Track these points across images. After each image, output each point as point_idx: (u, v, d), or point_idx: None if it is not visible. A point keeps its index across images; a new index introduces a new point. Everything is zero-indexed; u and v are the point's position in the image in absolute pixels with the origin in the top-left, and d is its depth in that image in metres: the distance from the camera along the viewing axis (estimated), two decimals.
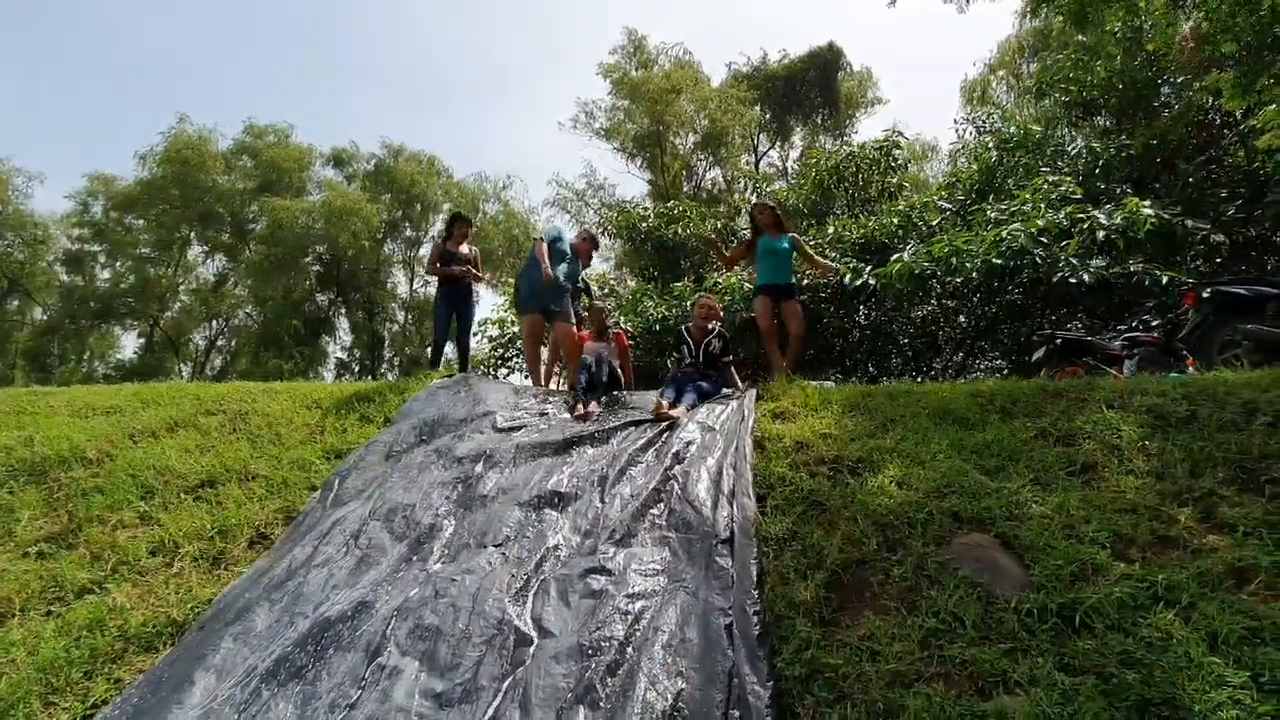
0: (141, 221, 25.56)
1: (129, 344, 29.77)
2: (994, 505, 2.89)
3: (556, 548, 2.99)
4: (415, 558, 2.94)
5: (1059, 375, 5.89)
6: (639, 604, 2.57)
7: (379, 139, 43.43)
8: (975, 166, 12.03)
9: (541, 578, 2.76)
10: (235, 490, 3.66)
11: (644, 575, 2.73)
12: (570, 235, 6.22)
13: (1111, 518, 2.80)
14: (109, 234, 25.65)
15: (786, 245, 5.93)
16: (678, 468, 3.39)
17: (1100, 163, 10.37)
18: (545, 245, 5.74)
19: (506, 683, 2.29)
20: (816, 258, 6.07)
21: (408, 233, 27.91)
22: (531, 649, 2.43)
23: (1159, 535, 2.71)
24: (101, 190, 25.49)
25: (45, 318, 27.51)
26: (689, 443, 3.64)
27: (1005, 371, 9.64)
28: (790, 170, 26.35)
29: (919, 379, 10.75)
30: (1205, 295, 4.90)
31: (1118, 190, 9.74)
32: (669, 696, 2.13)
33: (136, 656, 2.59)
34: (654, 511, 3.12)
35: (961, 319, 11.89)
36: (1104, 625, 2.25)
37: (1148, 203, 7.73)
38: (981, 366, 10.94)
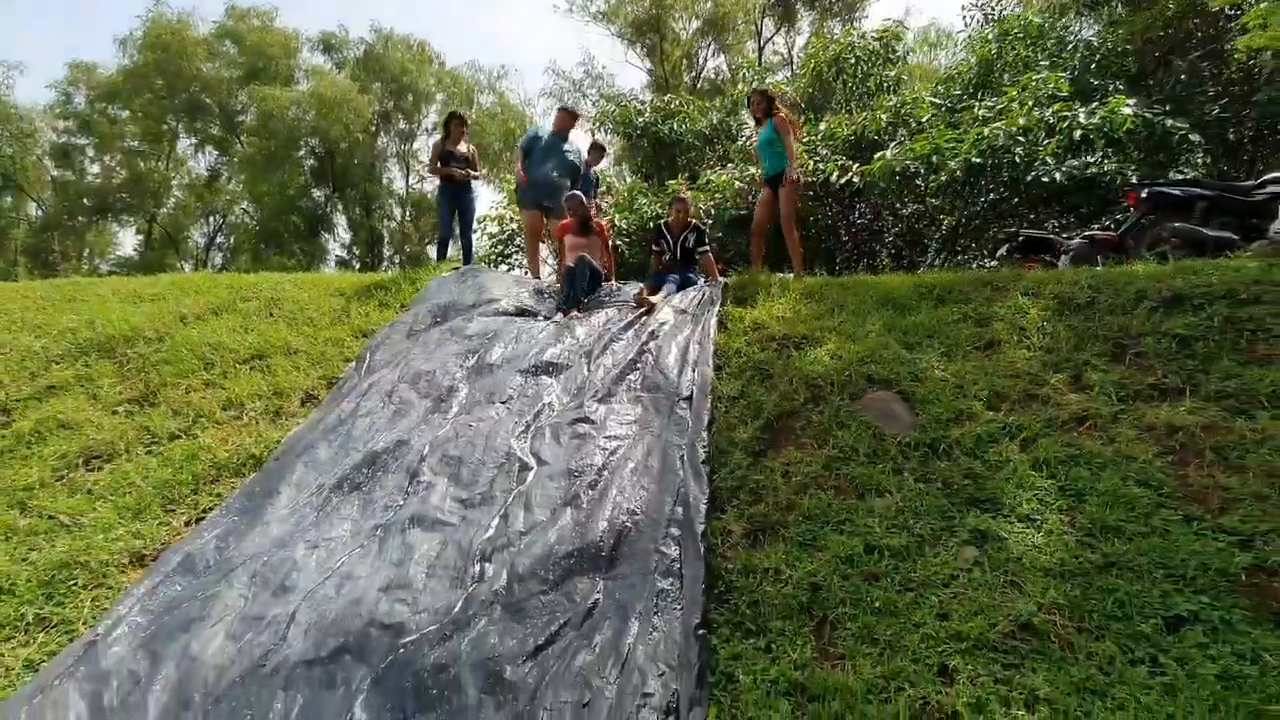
0: (127, 113, 25.02)
1: (127, 241, 29.94)
2: (903, 370, 3.58)
3: (550, 404, 3.70)
4: (438, 411, 3.66)
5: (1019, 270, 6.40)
6: (614, 443, 3.30)
7: (369, 22, 41.17)
8: (974, 59, 11.90)
9: (539, 424, 3.49)
10: (282, 361, 4.35)
11: (620, 423, 3.45)
12: (545, 131, 6.50)
13: (995, 380, 3.49)
14: (95, 126, 25.16)
15: (767, 134, 5.67)
16: (652, 343, 4.05)
17: (1096, 58, 10.33)
18: (521, 153, 6.28)
19: (513, 494, 3.05)
20: (790, 143, 5.53)
21: (400, 125, 27.34)
22: (531, 473, 3.18)
23: (1028, 393, 3.40)
24: (83, 79, 24.74)
25: (41, 214, 27.47)
26: (663, 323, 4.29)
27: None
28: (796, 59, 25.35)
29: None
30: (1143, 195, 5.37)
31: (1110, 87, 9.80)
32: (634, 500, 2.89)
33: (229, 479, 3.36)
34: (631, 377, 3.82)
35: (946, 218, 12.24)
36: (960, 452, 2.99)
37: (1131, 101, 7.91)
38: (967, 266, 11.41)
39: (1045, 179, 7.98)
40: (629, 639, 2.23)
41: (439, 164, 6.46)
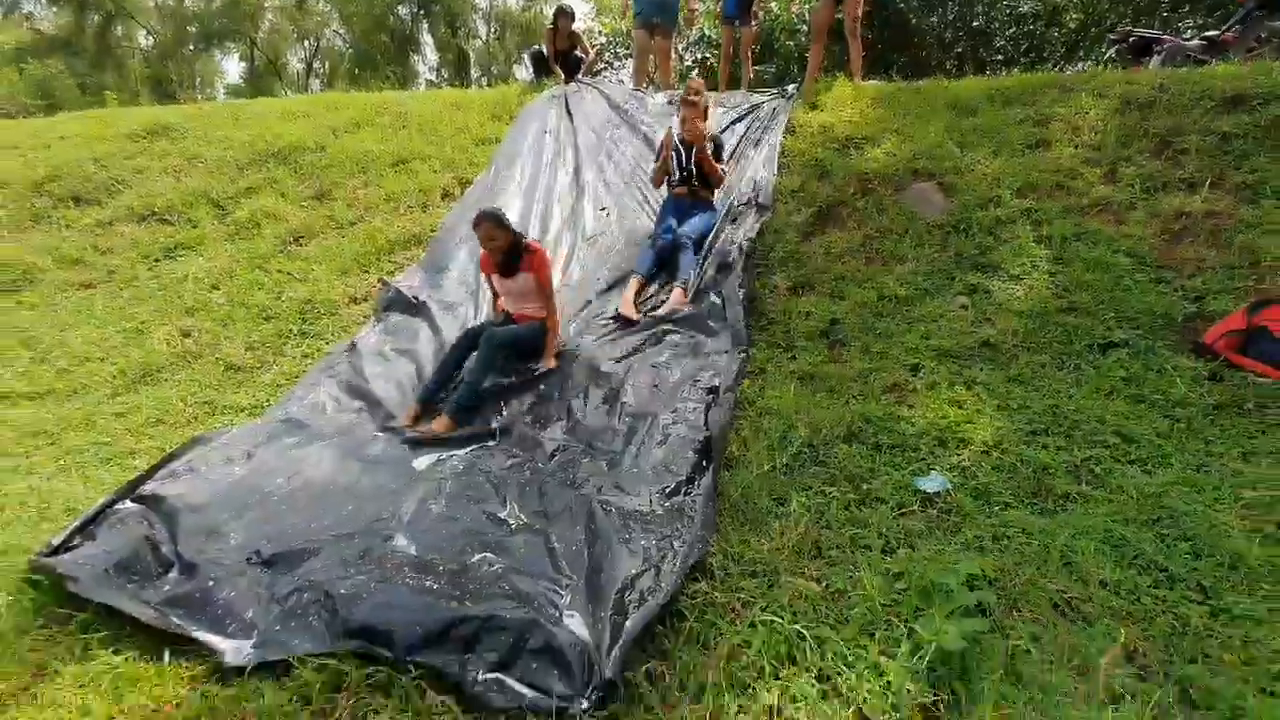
0: None
1: (231, 69, 31.14)
2: (948, 165, 4.05)
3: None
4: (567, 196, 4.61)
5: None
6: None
7: None
8: None
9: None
10: (421, 165, 5.29)
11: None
12: None
13: (1032, 174, 3.92)
14: None
15: None
16: (729, 162, 4.64)
17: None
18: None
19: (609, 272, 3.97)
20: None
21: None
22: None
23: (1060, 185, 3.84)
24: None
25: (151, 42, 28.74)
26: (741, 135, 4.84)
27: None
28: None
29: None
30: None
31: None
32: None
33: (401, 251, 4.47)
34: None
35: (1071, 16, 11.08)
36: (978, 230, 3.59)
37: None
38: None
39: None
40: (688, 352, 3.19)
41: (553, 64, 6.59)
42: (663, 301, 3.57)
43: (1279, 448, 2.38)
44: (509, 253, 3.29)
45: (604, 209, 4.47)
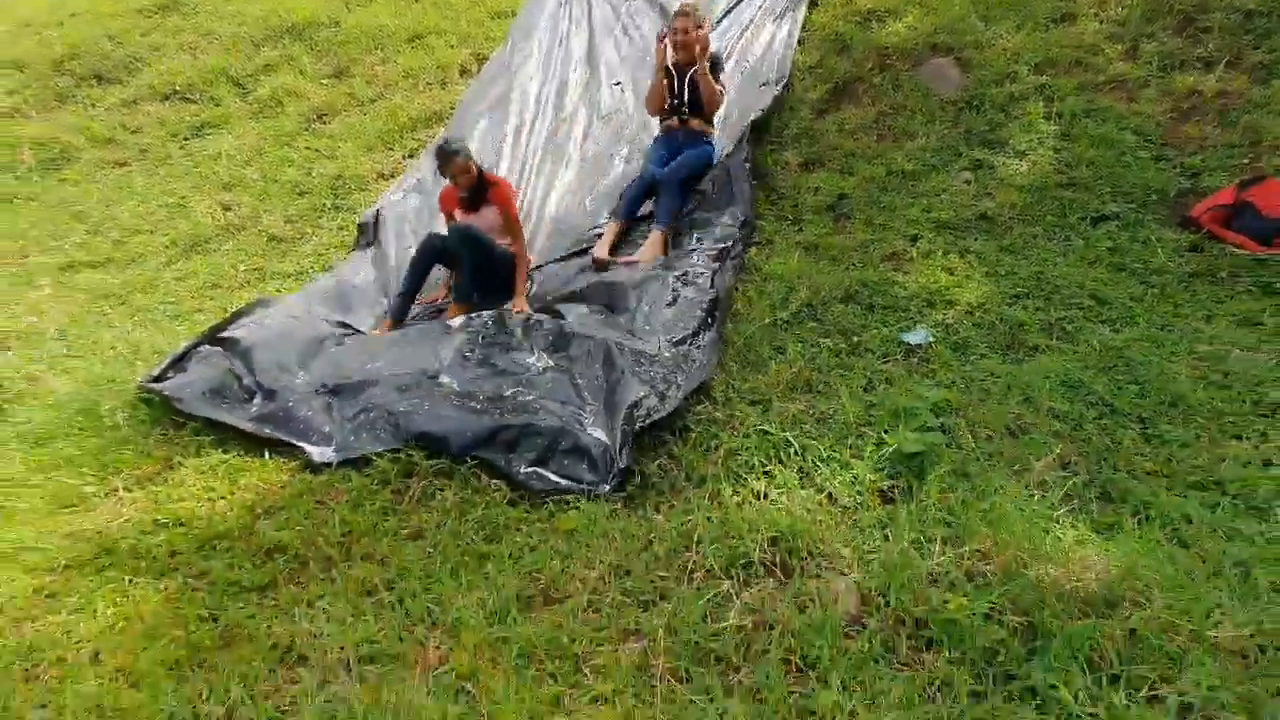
0: None
1: None
2: (968, 40, 4.01)
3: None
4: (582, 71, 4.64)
5: None
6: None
7: None
8: None
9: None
10: (437, 41, 5.25)
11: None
12: None
13: (1053, 49, 3.89)
14: None
15: None
16: (746, 34, 4.57)
17: None
18: None
19: (625, 150, 4.08)
20: None
21: None
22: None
23: (1079, 61, 3.82)
24: None
25: None
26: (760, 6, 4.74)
27: None
28: None
29: None
30: None
31: None
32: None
33: (422, 129, 4.58)
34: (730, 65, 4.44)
35: None
36: (990, 107, 3.64)
37: None
38: None
39: None
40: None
41: None
42: (640, 243, 3.35)
43: (1241, 310, 2.60)
44: (474, 186, 3.17)
45: (618, 83, 4.49)
